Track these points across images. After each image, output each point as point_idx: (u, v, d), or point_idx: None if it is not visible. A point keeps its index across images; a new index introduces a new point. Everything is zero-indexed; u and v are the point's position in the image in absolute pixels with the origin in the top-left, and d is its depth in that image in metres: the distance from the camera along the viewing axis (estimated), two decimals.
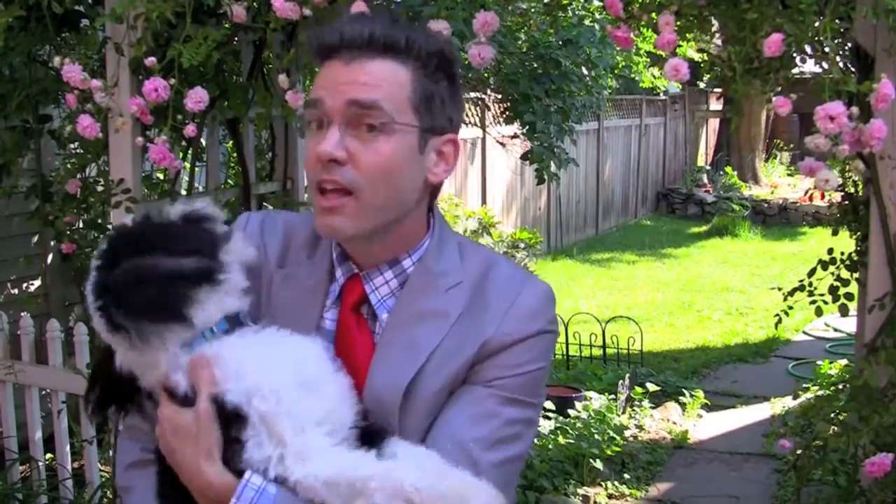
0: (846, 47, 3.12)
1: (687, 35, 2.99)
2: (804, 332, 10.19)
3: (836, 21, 2.62)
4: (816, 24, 2.47)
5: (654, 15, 2.60)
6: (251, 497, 1.62)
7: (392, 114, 1.76)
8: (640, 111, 19.41)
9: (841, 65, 3.00)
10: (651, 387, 7.77)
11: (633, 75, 9.04)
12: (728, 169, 20.92)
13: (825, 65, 2.52)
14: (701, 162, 22.89)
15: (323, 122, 1.78)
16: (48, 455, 4.97)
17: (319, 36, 1.82)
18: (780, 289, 3.69)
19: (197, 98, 2.89)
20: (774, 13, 2.48)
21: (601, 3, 4.02)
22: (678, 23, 2.75)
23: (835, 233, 3.46)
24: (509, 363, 1.81)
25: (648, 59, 9.16)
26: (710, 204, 19.53)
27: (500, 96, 6.59)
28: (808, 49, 2.65)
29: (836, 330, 9.73)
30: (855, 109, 2.27)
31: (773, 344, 9.82)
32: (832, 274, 3.38)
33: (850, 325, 6.77)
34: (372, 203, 1.76)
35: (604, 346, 8.66)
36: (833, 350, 9.19)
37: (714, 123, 23.73)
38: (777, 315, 3.69)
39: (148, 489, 1.84)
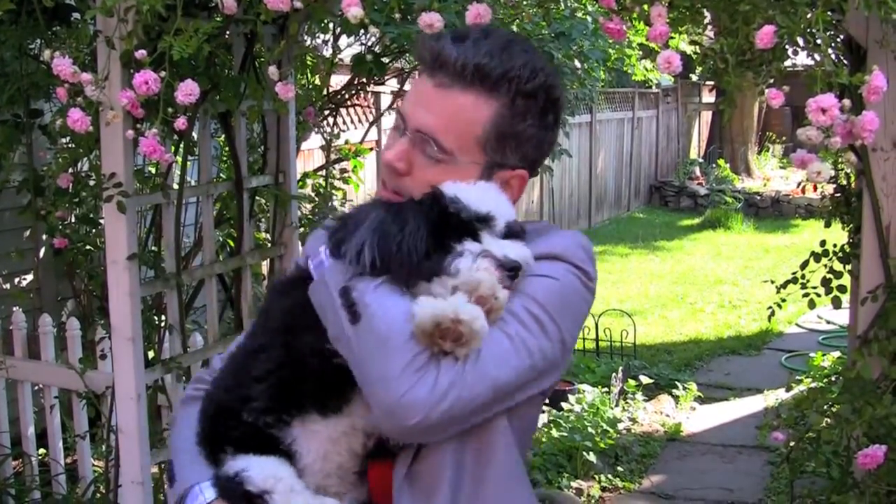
0: (839, 39, 3.11)
1: (679, 27, 2.98)
2: (797, 325, 10.21)
3: (829, 13, 2.61)
4: (809, 15, 2.47)
5: (646, 7, 2.59)
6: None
7: (453, 149, 1.86)
8: (633, 104, 19.42)
9: (833, 57, 2.99)
10: (644, 379, 7.78)
11: (625, 68, 9.02)
12: (721, 161, 20.93)
13: (818, 57, 2.51)
14: (693, 154, 22.91)
15: (400, 127, 1.92)
16: (41, 450, 4.96)
17: (422, 48, 1.92)
18: (772, 281, 3.69)
19: (187, 91, 2.87)
20: (767, 5, 2.47)
21: None
22: (670, 15, 2.74)
23: (827, 224, 3.45)
24: (528, 272, 1.82)
25: (641, 52, 9.14)
26: (702, 196, 19.56)
27: None
28: (800, 41, 2.65)
29: (828, 322, 9.75)
30: (847, 101, 2.26)
31: (766, 336, 9.84)
32: (825, 266, 3.38)
33: (842, 317, 6.78)
34: None
35: (597, 339, 8.66)
36: (826, 342, 9.21)
37: (706, 116, 23.74)
38: (770, 307, 3.70)
39: (185, 420, 2.06)
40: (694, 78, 21.01)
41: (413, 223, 1.76)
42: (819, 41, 2.42)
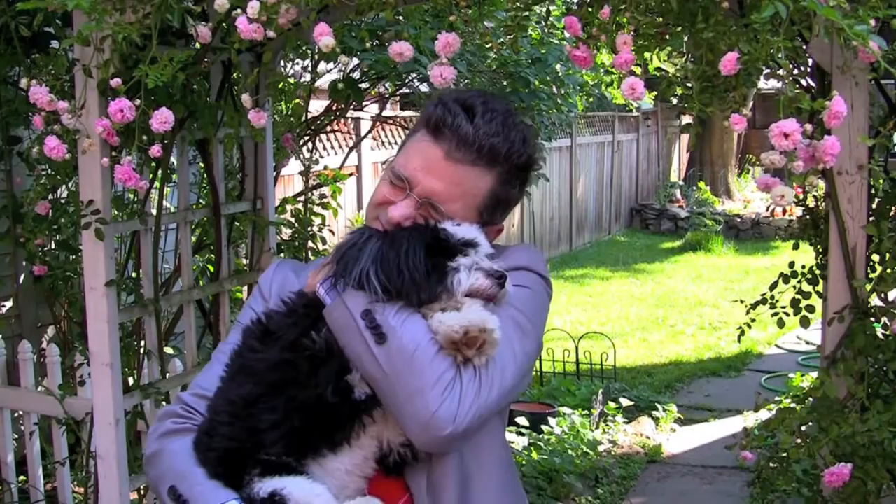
0: (809, 64, 3.16)
1: (653, 53, 3.02)
2: (776, 346, 10.27)
3: (797, 38, 2.66)
4: (775, 41, 2.51)
5: (613, 35, 2.63)
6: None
7: (455, 214, 2.09)
8: (613, 127, 19.53)
9: (803, 82, 3.05)
10: (624, 402, 7.81)
11: (603, 92, 9.10)
12: (701, 184, 21.05)
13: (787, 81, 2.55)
14: (674, 177, 23.04)
15: (401, 184, 2.11)
16: (21, 477, 4.96)
17: (431, 112, 2.12)
18: (742, 301, 3.74)
19: (161, 118, 2.90)
20: (730, 32, 2.52)
21: None
22: (640, 42, 2.79)
23: (795, 247, 3.50)
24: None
25: (617, 77, 9.22)
26: (683, 219, 19.65)
27: None
28: (765, 67, 2.69)
29: (808, 343, 9.81)
30: (808, 126, 2.30)
31: (746, 358, 9.90)
32: (794, 287, 3.43)
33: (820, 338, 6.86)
34: None
35: (577, 362, 8.69)
36: (805, 363, 9.27)
37: (687, 139, 23.89)
38: (740, 328, 3.74)
39: (180, 450, 2.09)
40: (674, 101, 21.16)
41: (407, 245, 1.98)
42: (781, 68, 2.47)
